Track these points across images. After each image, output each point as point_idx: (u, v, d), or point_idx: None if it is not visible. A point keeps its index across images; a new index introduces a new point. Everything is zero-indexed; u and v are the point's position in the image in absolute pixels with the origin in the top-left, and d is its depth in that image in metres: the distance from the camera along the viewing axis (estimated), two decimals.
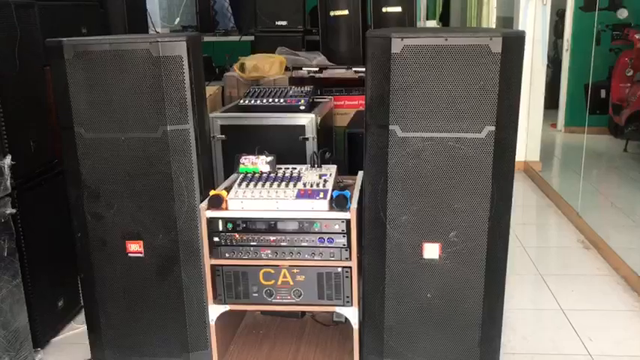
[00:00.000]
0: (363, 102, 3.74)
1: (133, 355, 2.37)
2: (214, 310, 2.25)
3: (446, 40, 1.93)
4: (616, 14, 6.11)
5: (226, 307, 2.26)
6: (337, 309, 2.22)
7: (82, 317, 2.97)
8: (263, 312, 2.70)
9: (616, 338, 2.69)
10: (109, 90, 2.10)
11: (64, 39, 2.09)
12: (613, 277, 3.30)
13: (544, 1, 5.18)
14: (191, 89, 2.11)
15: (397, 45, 1.95)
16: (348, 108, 3.74)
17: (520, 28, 5.19)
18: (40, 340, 2.67)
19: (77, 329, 2.89)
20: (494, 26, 6.67)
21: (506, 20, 6.33)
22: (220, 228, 2.18)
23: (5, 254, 2.37)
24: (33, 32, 2.65)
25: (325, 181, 2.26)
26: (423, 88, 1.98)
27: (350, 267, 2.16)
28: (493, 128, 1.99)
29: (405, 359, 2.24)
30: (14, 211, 2.43)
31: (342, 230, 2.14)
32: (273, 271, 2.21)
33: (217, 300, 2.25)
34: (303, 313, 2.69)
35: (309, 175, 2.32)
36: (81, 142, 2.16)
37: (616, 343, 2.65)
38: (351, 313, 2.20)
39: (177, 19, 5.11)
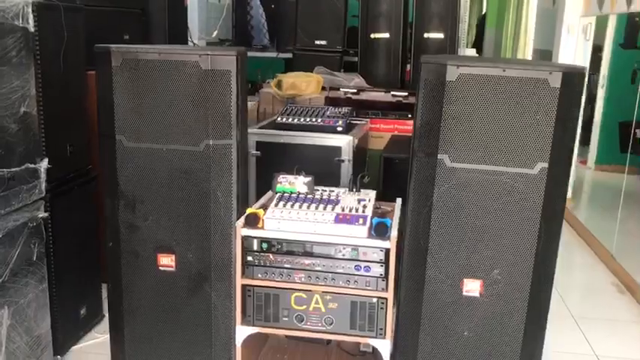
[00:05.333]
0: (400, 127, 3.75)
1: None
2: (242, 332, 2.19)
3: (504, 70, 1.87)
4: None
5: (254, 329, 2.19)
6: (369, 340, 2.14)
7: (103, 327, 2.94)
8: (288, 335, 2.63)
9: None
10: (154, 100, 2.06)
11: (113, 45, 2.06)
12: None
13: (587, 36, 5.10)
14: (237, 105, 2.06)
15: (452, 73, 1.90)
16: (383, 132, 3.69)
17: (559, 62, 5.11)
18: (61, 348, 2.62)
19: (98, 338, 2.85)
20: (530, 58, 6.59)
21: (544, 53, 6.25)
22: (255, 247, 2.12)
23: (34, 258, 2.34)
24: (78, 36, 2.65)
25: (364, 206, 2.20)
26: (476, 119, 1.92)
27: (386, 298, 2.09)
28: (546, 165, 1.91)
29: None
30: (46, 214, 2.40)
31: (380, 259, 2.07)
32: (305, 296, 2.14)
33: (246, 321, 2.18)
34: (329, 340, 2.62)
35: (348, 199, 2.26)
36: (121, 151, 2.12)
37: None
38: (384, 346, 2.12)
39: (216, 32, 5.13)
